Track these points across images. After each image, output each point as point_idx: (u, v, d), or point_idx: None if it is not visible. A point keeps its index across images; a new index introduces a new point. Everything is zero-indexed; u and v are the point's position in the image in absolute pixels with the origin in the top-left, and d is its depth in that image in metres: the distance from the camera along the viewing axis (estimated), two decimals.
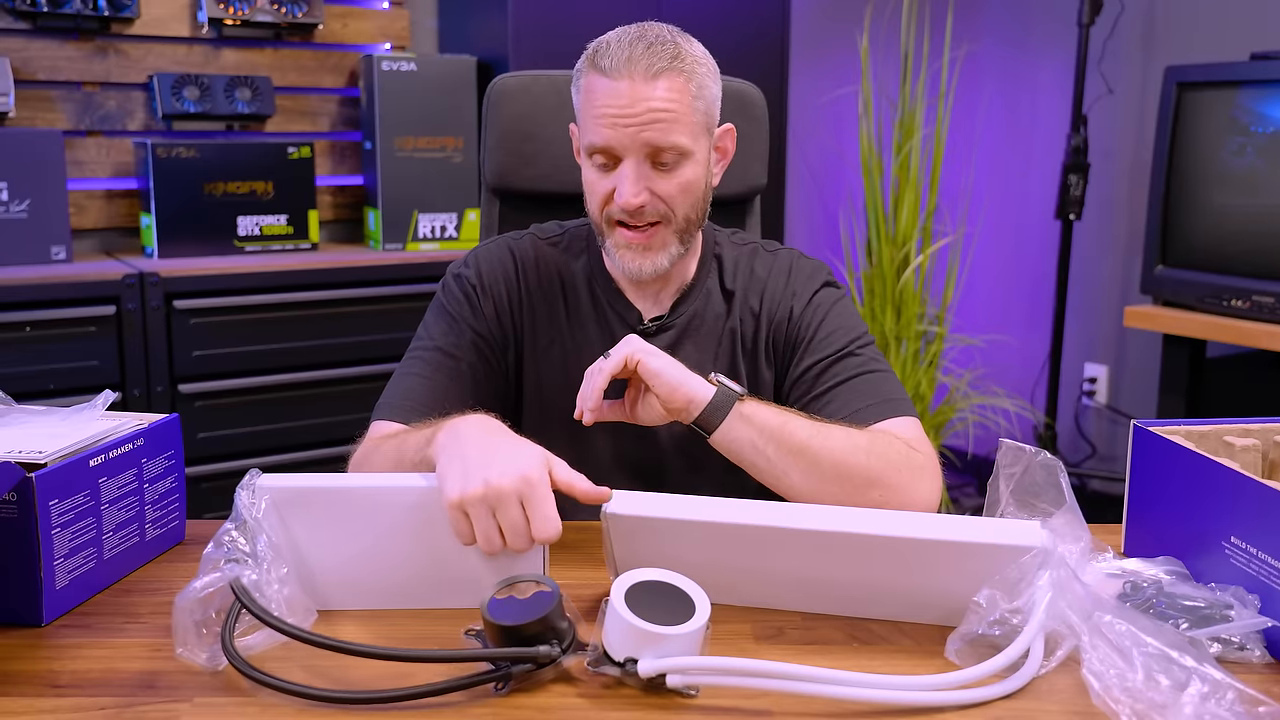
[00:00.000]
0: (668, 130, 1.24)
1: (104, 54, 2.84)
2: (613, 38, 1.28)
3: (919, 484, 1.20)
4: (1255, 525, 0.96)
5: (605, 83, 1.25)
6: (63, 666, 0.93)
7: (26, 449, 1.02)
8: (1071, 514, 1.02)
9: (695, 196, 1.30)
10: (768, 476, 1.21)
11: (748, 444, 1.19)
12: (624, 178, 1.26)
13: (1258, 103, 2.56)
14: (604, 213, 1.30)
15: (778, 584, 1.02)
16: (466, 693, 0.87)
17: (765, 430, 1.18)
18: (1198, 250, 2.70)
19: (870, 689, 0.85)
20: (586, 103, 1.28)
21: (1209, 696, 0.82)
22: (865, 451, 1.19)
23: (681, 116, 1.25)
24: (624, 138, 1.24)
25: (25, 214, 2.56)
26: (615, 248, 1.31)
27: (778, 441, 1.18)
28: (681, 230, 1.31)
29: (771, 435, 1.18)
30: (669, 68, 1.24)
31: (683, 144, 1.26)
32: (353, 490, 1.02)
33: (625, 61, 1.24)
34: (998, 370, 3.62)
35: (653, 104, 1.23)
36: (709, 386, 1.19)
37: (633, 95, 1.23)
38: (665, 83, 1.24)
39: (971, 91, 3.66)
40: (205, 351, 2.59)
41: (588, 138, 1.28)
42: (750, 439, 1.19)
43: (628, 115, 1.23)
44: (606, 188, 1.28)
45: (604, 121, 1.25)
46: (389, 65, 2.91)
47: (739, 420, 1.18)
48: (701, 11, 3.05)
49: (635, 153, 1.25)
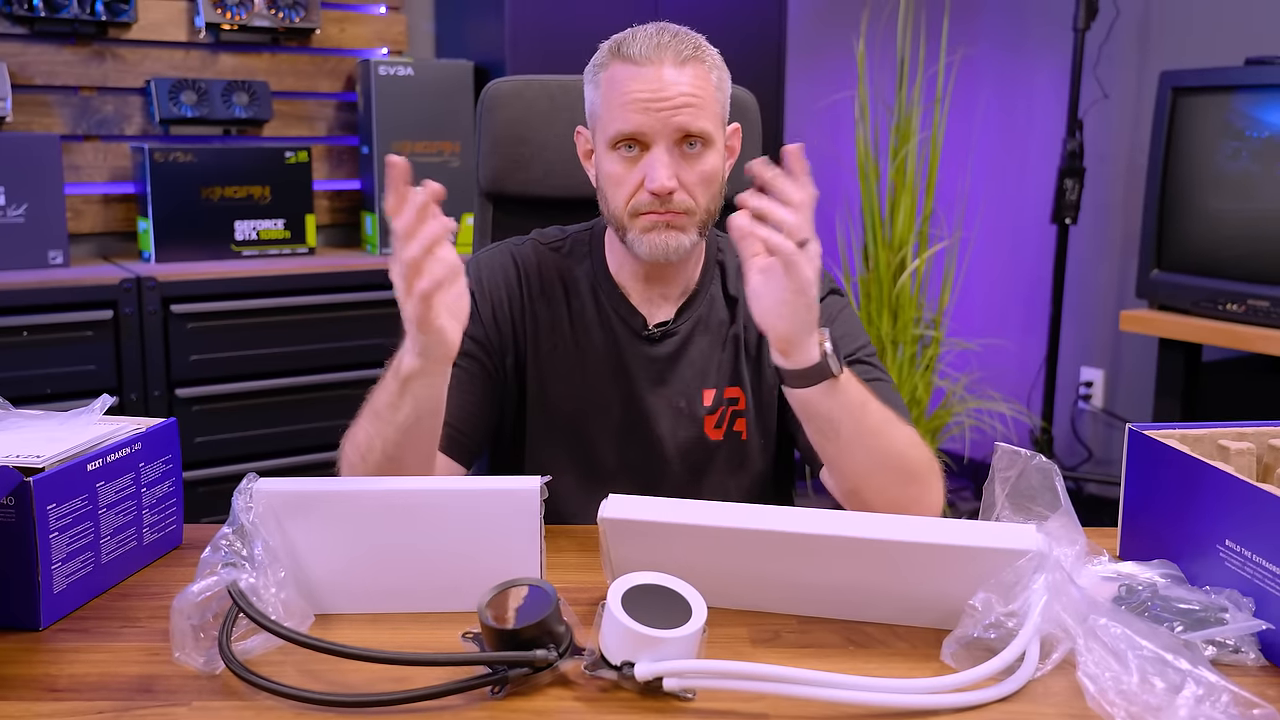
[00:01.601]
0: (697, 115, 1.26)
1: (101, 58, 2.84)
2: (636, 30, 1.30)
3: (940, 489, 1.22)
4: (1250, 529, 0.96)
5: (634, 69, 1.26)
6: (60, 671, 0.93)
7: (24, 453, 1.02)
8: (1067, 517, 1.02)
9: (716, 188, 1.31)
10: (830, 449, 1.18)
11: (826, 413, 1.15)
12: (656, 162, 1.26)
13: (1252, 107, 2.57)
14: (630, 204, 1.29)
15: (774, 587, 1.03)
16: (463, 696, 0.87)
17: (849, 406, 1.15)
18: (1193, 254, 2.70)
19: (866, 692, 0.86)
20: (611, 92, 1.28)
21: (1204, 699, 0.82)
22: (917, 448, 1.20)
23: (707, 104, 1.28)
24: (656, 122, 1.25)
25: (22, 218, 2.56)
26: (641, 233, 1.30)
27: (856, 420, 1.15)
28: (701, 223, 1.31)
29: (852, 412, 1.15)
30: (694, 56, 1.28)
31: (710, 130, 1.28)
32: (349, 494, 1.02)
33: (655, 48, 1.26)
34: (994, 374, 3.62)
35: (683, 89, 1.25)
36: (818, 349, 1.12)
37: (664, 80, 1.25)
38: (692, 70, 1.27)
39: (967, 96, 3.66)
40: (202, 356, 2.59)
41: (616, 126, 1.27)
42: (830, 410, 1.15)
43: (660, 99, 1.25)
44: (634, 178, 1.28)
45: (634, 107, 1.26)
46: (386, 70, 2.91)
47: (832, 388, 1.13)
48: (699, 16, 3.04)
49: (666, 137, 1.26)
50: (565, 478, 1.36)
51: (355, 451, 1.17)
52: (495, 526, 1.01)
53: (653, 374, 1.37)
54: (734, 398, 1.39)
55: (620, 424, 1.38)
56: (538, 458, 1.39)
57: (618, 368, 1.37)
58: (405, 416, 1.11)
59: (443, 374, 1.11)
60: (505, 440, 1.41)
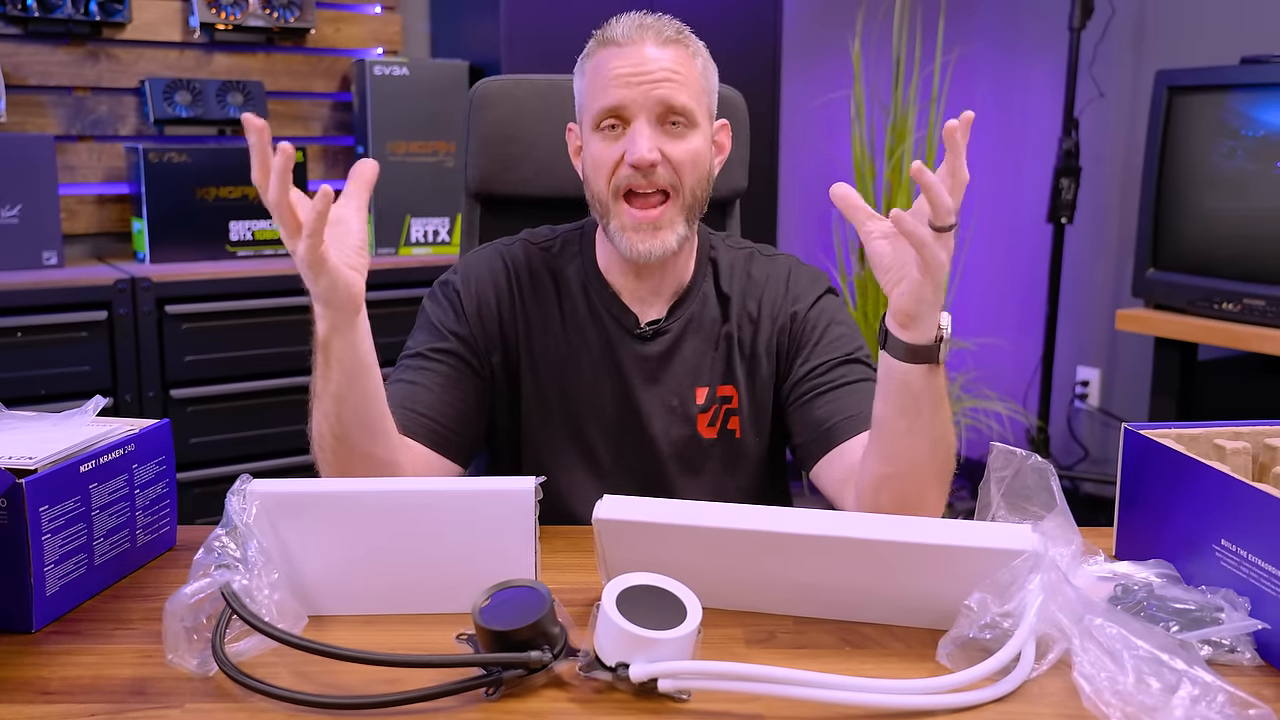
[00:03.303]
0: (679, 89, 1.28)
1: (95, 59, 2.83)
2: (620, 16, 1.32)
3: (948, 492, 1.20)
4: (1246, 528, 0.96)
5: (616, 50, 1.29)
6: (53, 673, 0.93)
7: (17, 455, 1.01)
8: (1063, 517, 1.02)
9: (701, 171, 1.31)
10: (901, 428, 1.13)
11: (917, 393, 1.11)
12: (637, 134, 1.27)
13: (1248, 106, 2.57)
14: (612, 183, 1.30)
15: (769, 588, 1.02)
16: (458, 698, 0.87)
17: (936, 392, 1.11)
18: (1189, 253, 2.71)
19: (862, 693, 0.85)
20: (595, 75, 1.30)
21: (1199, 699, 0.82)
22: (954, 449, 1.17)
23: (690, 83, 1.30)
24: (637, 95, 1.27)
25: (16, 219, 2.55)
26: (621, 230, 1.30)
27: (935, 408, 1.12)
28: (687, 208, 1.31)
29: (935, 400, 1.11)
30: (677, 39, 1.31)
31: (692, 108, 1.29)
32: (343, 495, 1.02)
33: (637, 29, 1.29)
34: (990, 373, 3.63)
35: (664, 64, 1.28)
36: (935, 332, 1.09)
37: (645, 56, 1.28)
38: (674, 51, 1.29)
39: (963, 95, 3.66)
40: (197, 356, 2.58)
41: (599, 102, 1.29)
42: (921, 391, 1.11)
43: (641, 73, 1.27)
44: (615, 154, 1.29)
45: (617, 82, 1.28)
46: (381, 70, 2.91)
47: (932, 371, 1.10)
48: (694, 16, 3.04)
49: (648, 111, 1.27)
50: (565, 475, 1.36)
51: (314, 445, 1.18)
52: (489, 527, 1.01)
53: (645, 372, 1.37)
54: (727, 396, 1.38)
55: (615, 423, 1.38)
56: (536, 457, 1.39)
57: (610, 366, 1.37)
58: (336, 385, 1.11)
59: (353, 327, 1.10)
60: (503, 440, 1.41)
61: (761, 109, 1.66)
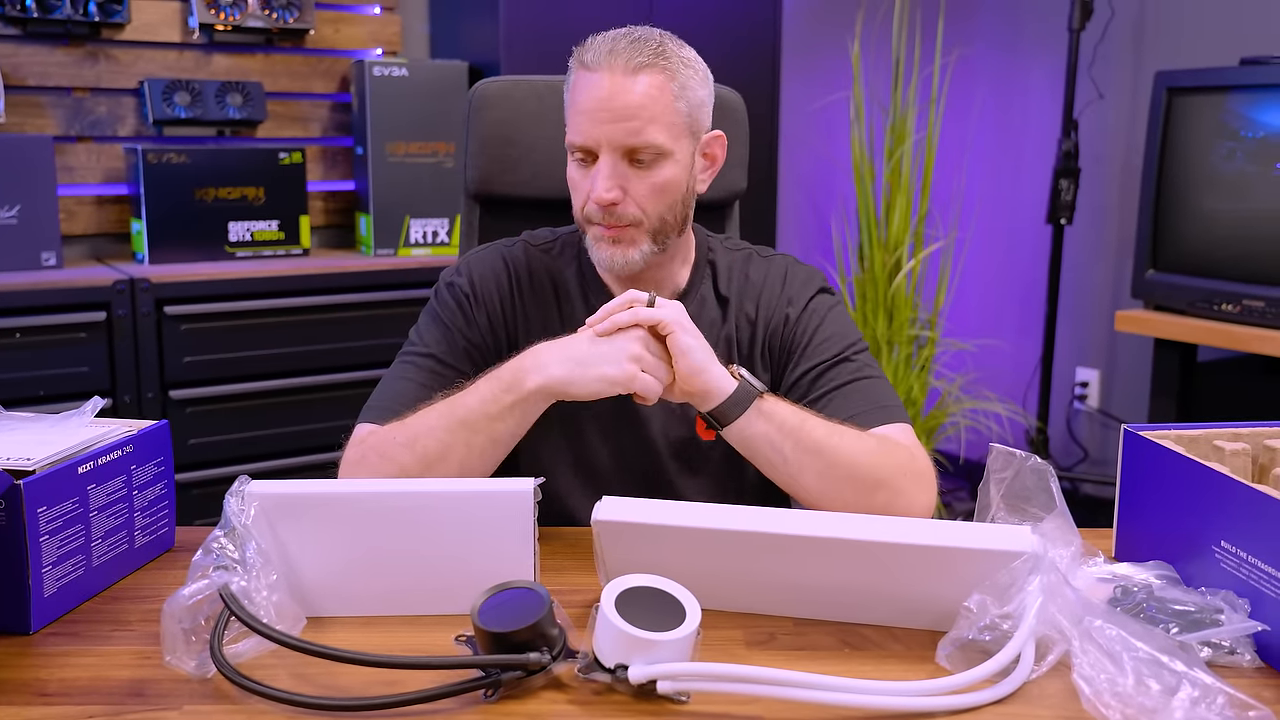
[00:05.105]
0: (642, 128, 1.24)
1: (94, 59, 2.83)
2: (600, 35, 1.28)
3: (920, 490, 1.21)
4: (1245, 529, 0.96)
5: (586, 76, 1.25)
6: (50, 675, 0.93)
7: (15, 456, 1.01)
8: (1062, 519, 1.02)
9: (672, 198, 1.29)
10: (781, 474, 1.20)
11: (765, 440, 1.18)
12: (598, 173, 1.25)
13: (1247, 107, 2.57)
14: (584, 211, 1.30)
15: (769, 589, 1.02)
16: (457, 699, 0.87)
17: (784, 428, 1.18)
18: (1188, 255, 2.71)
19: (861, 694, 0.85)
20: (570, 100, 1.28)
21: (1199, 701, 0.82)
22: (875, 454, 1.19)
23: (660, 115, 1.25)
24: (599, 134, 1.24)
25: (15, 220, 2.55)
26: (594, 241, 1.31)
27: (795, 439, 1.17)
28: (655, 231, 1.30)
29: (790, 433, 1.18)
30: (650, 64, 1.24)
31: (659, 143, 1.25)
32: (342, 496, 1.02)
33: (607, 54, 1.24)
34: (989, 375, 3.62)
35: (630, 99, 1.23)
36: (731, 379, 1.18)
37: (611, 89, 1.23)
38: (646, 78, 1.24)
39: (963, 96, 3.67)
40: (196, 357, 2.58)
41: (568, 134, 1.28)
42: (768, 435, 1.18)
43: (603, 111, 1.23)
44: (586, 185, 1.28)
45: (583, 117, 1.25)
46: (380, 70, 2.90)
47: (758, 416, 1.17)
48: (693, 17, 3.05)
49: (611, 150, 1.25)
50: (564, 478, 1.36)
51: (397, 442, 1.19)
52: (488, 529, 1.01)
53: None
54: None
55: (613, 424, 1.37)
56: (536, 457, 1.38)
57: None
58: (507, 430, 1.17)
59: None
60: None
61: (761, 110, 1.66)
